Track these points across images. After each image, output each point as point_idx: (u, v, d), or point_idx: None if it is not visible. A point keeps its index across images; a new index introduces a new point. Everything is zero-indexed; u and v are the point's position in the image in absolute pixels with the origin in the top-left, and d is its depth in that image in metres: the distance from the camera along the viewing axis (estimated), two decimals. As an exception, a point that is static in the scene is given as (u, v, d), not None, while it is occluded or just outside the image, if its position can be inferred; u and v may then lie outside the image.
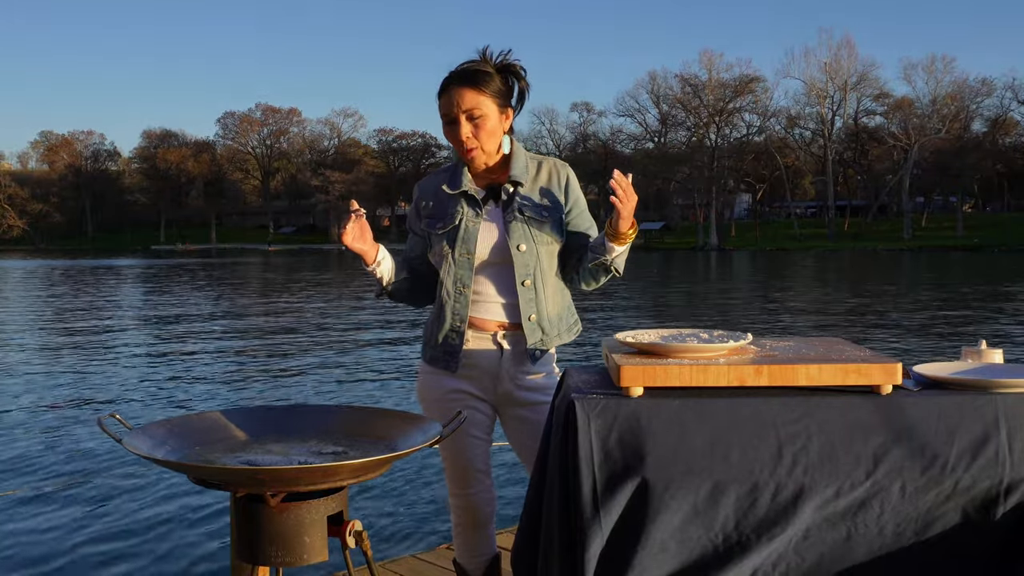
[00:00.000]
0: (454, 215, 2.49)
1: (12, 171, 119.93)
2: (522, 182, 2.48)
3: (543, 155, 2.58)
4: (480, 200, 2.48)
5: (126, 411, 8.87)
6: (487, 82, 2.40)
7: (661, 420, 1.92)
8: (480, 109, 2.39)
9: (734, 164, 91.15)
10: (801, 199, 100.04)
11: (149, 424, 2.16)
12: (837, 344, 2.22)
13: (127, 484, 6.29)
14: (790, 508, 1.90)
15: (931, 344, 13.88)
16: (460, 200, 2.49)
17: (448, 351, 2.52)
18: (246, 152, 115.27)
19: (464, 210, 2.48)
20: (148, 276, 39.90)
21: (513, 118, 2.50)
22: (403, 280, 2.56)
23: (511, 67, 2.46)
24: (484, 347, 2.51)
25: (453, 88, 2.40)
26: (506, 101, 2.46)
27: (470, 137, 2.40)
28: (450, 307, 2.50)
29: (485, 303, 2.50)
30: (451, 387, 2.53)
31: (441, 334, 2.53)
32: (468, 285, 2.48)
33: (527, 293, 2.46)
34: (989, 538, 1.91)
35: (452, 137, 2.44)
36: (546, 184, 2.51)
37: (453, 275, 2.48)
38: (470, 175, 2.51)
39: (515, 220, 2.46)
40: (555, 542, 1.96)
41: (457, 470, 2.60)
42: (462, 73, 2.41)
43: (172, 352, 13.71)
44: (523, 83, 2.48)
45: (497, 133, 2.44)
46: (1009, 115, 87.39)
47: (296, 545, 1.93)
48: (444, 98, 2.42)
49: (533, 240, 2.46)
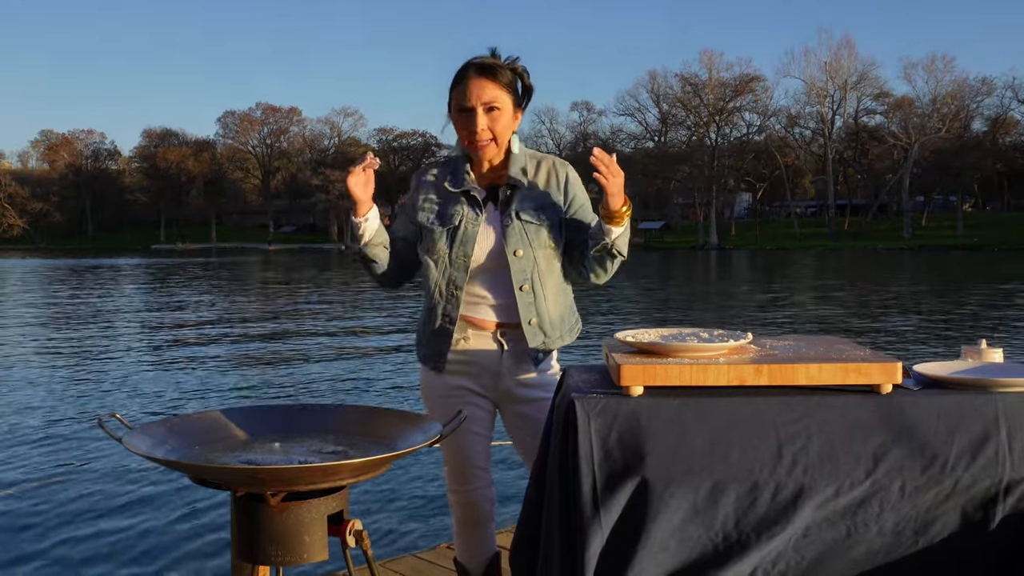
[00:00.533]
0: (454, 215, 2.47)
1: (12, 170, 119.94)
2: (520, 183, 2.46)
3: (543, 153, 2.56)
4: (481, 201, 2.47)
5: (126, 410, 8.87)
6: (505, 77, 2.40)
7: (661, 419, 1.92)
8: (498, 102, 2.38)
9: (734, 163, 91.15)
10: (801, 198, 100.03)
11: (149, 423, 2.16)
12: (837, 343, 2.22)
13: (127, 484, 6.30)
14: (790, 507, 1.90)
15: (931, 343, 13.88)
16: (461, 199, 2.47)
17: (436, 351, 2.52)
18: (246, 151, 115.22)
19: (464, 211, 2.46)
20: (148, 275, 39.89)
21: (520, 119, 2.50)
22: (381, 248, 2.50)
23: (519, 70, 2.46)
24: (484, 345, 2.50)
25: (472, 78, 2.38)
26: (518, 99, 2.46)
27: (485, 129, 2.38)
28: (440, 307, 2.49)
29: (482, 305, 2.49)
30: (453, 384, 2.53)
31: (429, 334, 2.53)
32: (461, 287, 2.46)
33: (525, 298, 2.45)
34: (988, 537, 1.91)
35: (465, 127, 2.41)
36: (545, 184, 2.49)
37: (448, 276, 2.47)
38: (472, 173, 2.49)
39: (512, 224, 2.44)
40: (555, 541, 1.96)
41: (457, 466, 2.60)
42: (480, 64, 2.39)
43: (172, 351, 13.71)
44: (528, 83, 2.48)
45: (510, 129, 2.44)
46: (1009, 114, 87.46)
47: (296, 544, 1.93)
48: (461, 87, 2.39)
49: (530, 244, 2.44)
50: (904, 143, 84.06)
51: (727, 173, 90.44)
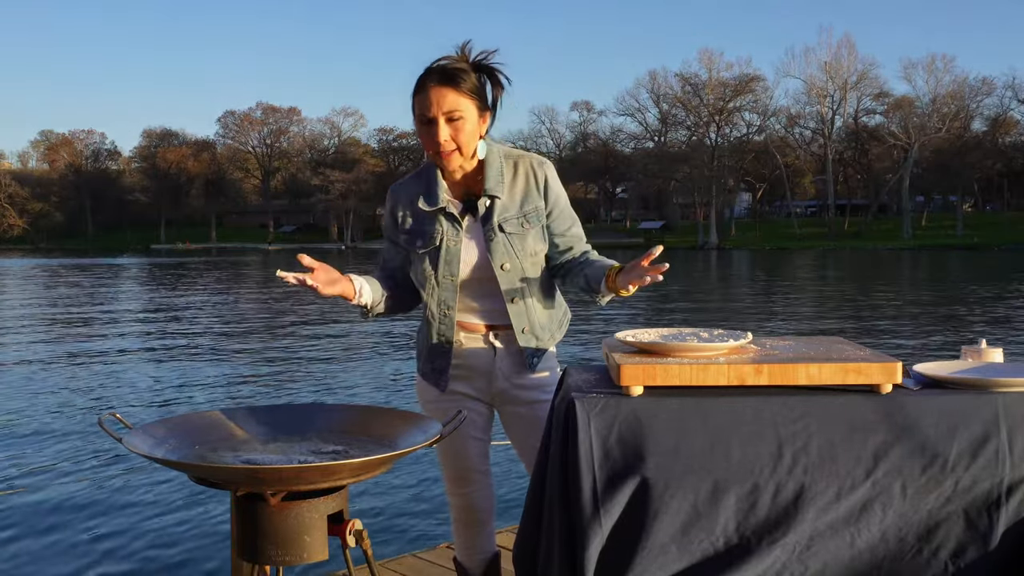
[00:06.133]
0: (434, 235, 2.39)
1: (12, 170, 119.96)
2: (498, 195, 2.36)
3: (519, 151, 2.46)
4: (459, 216, 2.38)
5: (126, 410, 8.87)
6: (466, 81, 2.27)
7: (661, 419, 1.92)
8: (460, 111, 2.25)
9: (734, 163, 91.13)
10: (801, 198, 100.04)
11: (149, 423, 2.16)
12: (837, 343, 2.22)
13: (127, 484, 6.29)
14: (791, 509, 1.90)
15: (931, 343, 13.88)
16: (438, 217, 2.39)
17: (436, 370, 2.49)
18: (246, 151, 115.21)
19: (443, 228, 2.38)
20: (148, 275, 39.88)
21: (490, 122, 2.38)
22: (386, 299, 2.46)
23: (489, 69, 2.35)
24: (475, 346, 2.47)
25: (431, 87, 2.25)
26: (484, 102, 2.33)
27: (448, 140, 2.26)
28: (435, 329, 2.46)
29: (472, 312, 2.45)
30: (448, 389, 2.50)
31: (427, 353, 2.50)
32: (453, 307, 2.42)
33: (516, 309, 2.41)
34: (992, 542, 1.90)
35: (428, 138, 2.29)
36: (524, 190, 2.39)
37: (437, 297, 2.42)
38: (445, 184, 2.40)
39: (495, 238, 2.36)
40: (555, 541, 1.96)
41: (456, 471, 2.59)
42: (441, 71, 2.26)
43: (172, 351, 13.70)
44: (497, 90, 2.35)
45: (476, 136, 2.32)
46: (1009, 114, 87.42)
47: (296, 544, 1.93)
48: (420, 97, 2.27)
49: (516, 256, 2.38)
50: (904, 143, 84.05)
51: (727, 173, 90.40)
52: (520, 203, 2.39)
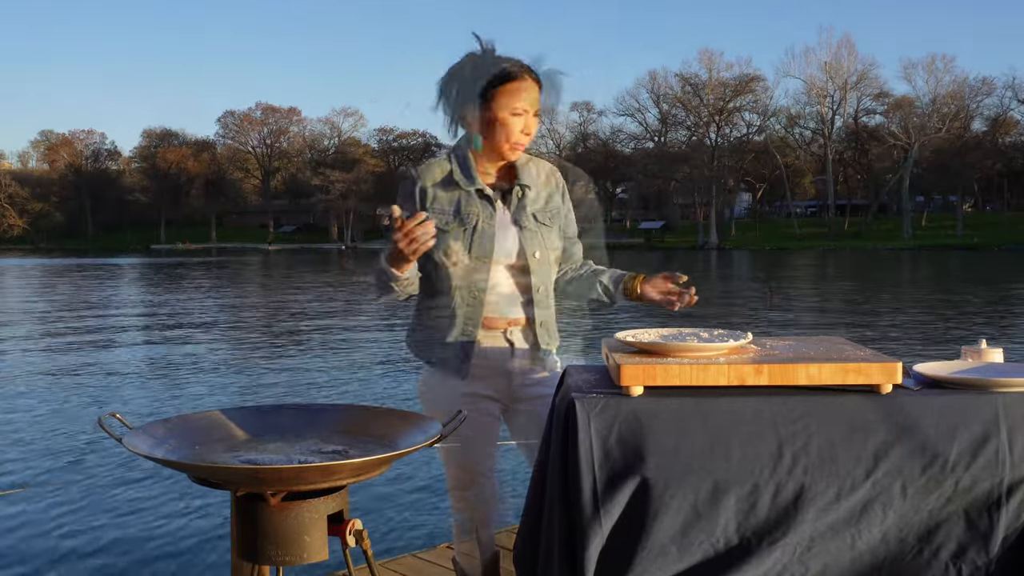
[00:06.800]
0: (469, 215, 2.39)
1: (12, 170, 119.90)
2: (531, 186, 2.46)
3: (536, 156, 2.54)
4: (492, 200, 2.41)
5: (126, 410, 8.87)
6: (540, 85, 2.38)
7: (661, 419, 1.92)
8: (538, 111, 2.37)
9: (734, 163, 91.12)
10: (801, 198, 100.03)
11: (149, 423, 2.15)
12: (837, 343, 2.22)
13: (127, 484, 6.30)
14: (791, 509, 1.90)
15: (931, 343, 13.88)
16: (473, 197, 2.40)
17: (460, 356, 2.43)
18: (246, 151, 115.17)
19: (479, 210, 2.39)
20: (148, 275, 39.88)
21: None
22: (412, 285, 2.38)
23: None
24: (495, 344, 2.45)
25: (530, 82, 2.33)
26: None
27: (528, 135, 2.37)
28: (463, 312, 2.41)
29: (496, 303, 2.44)
30: (462, 391, 2.44)
31: (452, 338, 2.42)
32: (484, 289, 2.40)
33: (541, 299, 2.45)
34: (991, 541, 1.90)
35: (507, 128, 2.32)
36: (549, 189, 2.50)
37: (468, 280, 2.39)
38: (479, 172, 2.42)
39: (528, 226, 2.43)
40: (555, 542, 1.96)
41: (462, 472, 2.56)
42: (531, 70, 2.35)
43: (172, 351, 13.71)
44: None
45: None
46: (1009, 114, 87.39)
47: (296, 544, 1.93)
48: (517, 84, 2.31)
49: (545, 247, 2.45)
50: (904, 143, 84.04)
51: (727, 173, 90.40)
52: (546, 200, 2.49)
